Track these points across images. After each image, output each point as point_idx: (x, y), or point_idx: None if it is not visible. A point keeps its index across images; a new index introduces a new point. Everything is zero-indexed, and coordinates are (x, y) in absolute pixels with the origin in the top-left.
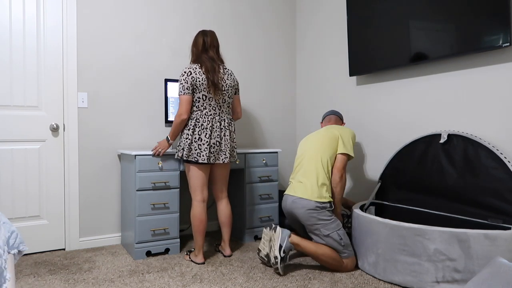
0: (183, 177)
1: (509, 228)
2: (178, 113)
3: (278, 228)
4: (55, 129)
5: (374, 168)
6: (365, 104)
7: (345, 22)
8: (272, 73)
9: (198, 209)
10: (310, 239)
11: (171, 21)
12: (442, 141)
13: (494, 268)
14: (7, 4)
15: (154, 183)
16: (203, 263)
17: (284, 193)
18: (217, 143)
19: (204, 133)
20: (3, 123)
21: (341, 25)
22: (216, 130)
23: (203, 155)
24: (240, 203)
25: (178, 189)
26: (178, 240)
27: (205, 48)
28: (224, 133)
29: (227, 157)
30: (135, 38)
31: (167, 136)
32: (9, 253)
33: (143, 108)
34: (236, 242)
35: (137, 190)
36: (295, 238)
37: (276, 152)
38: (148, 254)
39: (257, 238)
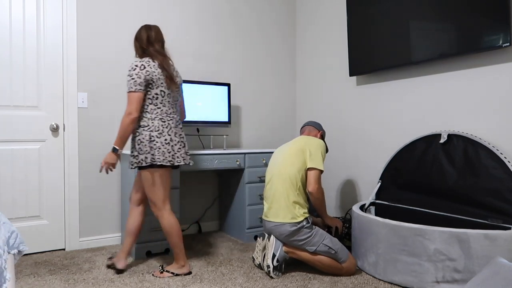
0: (183, 177)
1: (509, 228)
2: (127, 112)
3: (272, 237)
4: (55, 129)
5: (374, 168)
6: (365, 104)
7: (345, 22)
8: (272, 73)
9: (173, 217)
10: None
11: (171, 21)
12: (442, 141)
13: (494, 268)
14: (7, 4)
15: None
16: (191, 272)
17: (262, 217)
18: (182, 143)
19: (174, 132)
20: (3, 123)
21: (341, 25)
22: (178, 129)
23: (178, 156)
24: (240, 203)
25: (179, 190)
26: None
27: (150, 42)
28: (181, 134)
29: (188, 158)
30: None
31: (114, 147)
32: (9, 253)
33: None
34: (236, 242)
35: None
36: (289, 247)
37: None
38: (148, 254)
39: (257, 238)
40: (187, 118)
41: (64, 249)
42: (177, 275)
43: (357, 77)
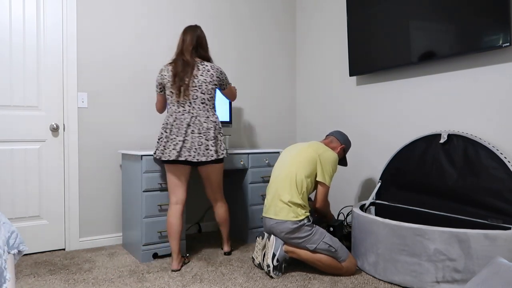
0: (190, 177)
1: (509, 228)
2: (156, 109)
3: (272, 236)
4: (55, 129)
5: (374, 168)
6: (365, 104)
7: (345, 22)
8: (273, 73)
9: (170, 211)
10: None
11: (170, 21)
12: (442, 141)
13: (494, 268)
14: (7, 3)
15: (161, 184)
16: (177, 270)
17: (263, 214)
18: (185, 140)
19: (170, 130)
20: (3, 123)
21: (341, 25)
22: (183, 127)
23: (167, 152)
24: (242, 203)
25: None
26: (185, 241)
27: (182, 49)
28: (193, 130)
29: (196, 155)
30: (135, 38)
31: None
32: (9, 253)
33: (144, 108)
34: (237, 242)
35: (143, 191)
36: (289, 246)
37: (278, 152)
38: (155, 256)
39: (257, 237)
40: None
41: (64, 249)
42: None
43: (357, 77)
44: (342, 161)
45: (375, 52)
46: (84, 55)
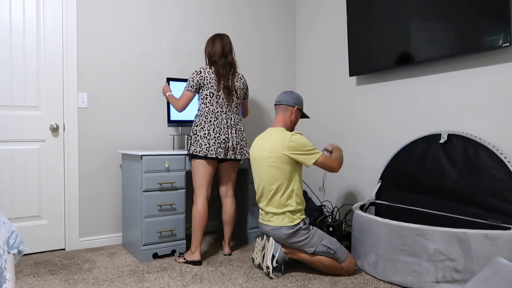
0: (189, 177)
1: (509, 228)
2: (177, 105)
3: (272, 238)
4: (55, 129)
5: (374, 168)
6: (365, 104)
7: (345, 22)
8: (272, 74)
9: (201, 205)
10: None
11: (171, 21)
12: (442, 141)
13: (494, 268)
14: (7, 4)
15: (160, 184)
16: (200, 261)
17: (259, 220)
18: (226, 139)
19: (212, 128)
20: (3, 123)
21: (341, 25)
22: (224, 127)
23: (211, 150)
24: (243, 203)
25: (184, 190)
26: (184, 241)
27: (224, 53)
28: (231, 131)
29: (234, 154)
30: (135, 38)
31: (170, 93)
32: (9, 253)
33: (144, 108)
34: (238, 241)
35: (143, 191)
36: (288, 247)
37: None
38: (155, 256)
39: (256, 238)
40: (187, 118)
41: (64, 249)
42: (187, 261)
43: (357, 77)
44: (303, 116)
45: (375, 52)
46: (84, 55)
